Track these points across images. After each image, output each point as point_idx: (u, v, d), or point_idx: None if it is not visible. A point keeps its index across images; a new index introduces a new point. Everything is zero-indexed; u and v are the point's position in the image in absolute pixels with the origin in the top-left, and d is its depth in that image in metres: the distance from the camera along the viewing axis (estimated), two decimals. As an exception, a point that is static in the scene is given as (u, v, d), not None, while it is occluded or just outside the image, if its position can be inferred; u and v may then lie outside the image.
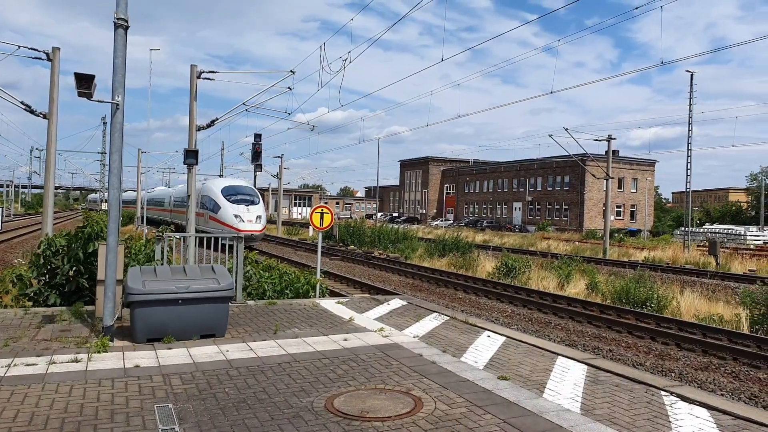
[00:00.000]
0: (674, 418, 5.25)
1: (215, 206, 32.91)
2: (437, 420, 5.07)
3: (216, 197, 33.15)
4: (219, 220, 31.98)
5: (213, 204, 33.06)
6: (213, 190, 34.01)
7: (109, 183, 7.90)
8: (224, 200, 32.59)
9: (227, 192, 33.37)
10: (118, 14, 7.53)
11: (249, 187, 35.80)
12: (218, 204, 32.70)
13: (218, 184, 34.87)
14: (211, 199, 33.61)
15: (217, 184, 34.94)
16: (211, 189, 34.37)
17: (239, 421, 4.94)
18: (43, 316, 8.90)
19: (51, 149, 15.62)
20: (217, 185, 34.65)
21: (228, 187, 34.14)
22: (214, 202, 33.07)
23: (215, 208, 32.86)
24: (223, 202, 32.53)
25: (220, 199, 32.76)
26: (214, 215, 32.87)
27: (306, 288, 12.05)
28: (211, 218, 32.90)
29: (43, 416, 4.92)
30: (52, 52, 15.48)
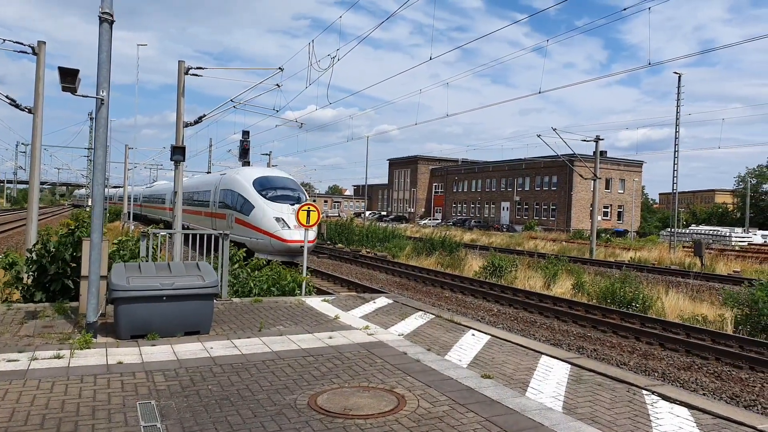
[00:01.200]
0: (655, 417, 5.29)
1: (245, 205, 23.72)
2: (420, 418, 5.09)
3: (246, 192, 23.84)
4: (252, 225, 22.59)
5: (242, 202, 23.88)
6: (240, 183, 24.63)
7: (93, 179, 7.86)
8: (259, 197, 23.10)
9: (262, 185, 23.92)
10: (103, 8, 7.48)
11: (290, 179, 25.85)
12: (250, 202, 23.39)
13: (248, 175, 24.94)
14: (238, 195, 24.47)
15: (246, 175, 25.05)
16: (238, 181, 24.94)
17: (222, 418, 4.92)
18: (26, 312, 8.83)
19: (36, 144, 15.47)
20: (246, 176, 24.90)
21: (262, 179, 24.49)
22: (244, 199, 23.76)
23: (245, 207, 23.65)
24: (257, 199, 23.02)
25: (252, 195, 23.35)
26: (244, 218, 23.41)
27: (292, 286, 12.03)
28: (238, 221, 23.79)
29: (24, 412, 4.88)
30: (38, 46, 15.32)
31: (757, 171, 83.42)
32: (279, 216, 22.03)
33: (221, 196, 26.50)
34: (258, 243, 21.92)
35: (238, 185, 24.61)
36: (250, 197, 23.34)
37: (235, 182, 25.19)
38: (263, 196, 23.07)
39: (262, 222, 22.15)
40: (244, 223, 23.13)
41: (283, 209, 22.28)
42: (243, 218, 23.30)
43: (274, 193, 23.54)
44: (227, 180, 26.61)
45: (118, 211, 55.31)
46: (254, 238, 22.03)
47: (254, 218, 22.54)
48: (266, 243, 21.66)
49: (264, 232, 21.89)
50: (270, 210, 22.33)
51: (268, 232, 21.76)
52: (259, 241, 21.96)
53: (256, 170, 26.23)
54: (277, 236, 21.45)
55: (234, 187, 25.00)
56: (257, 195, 23.19)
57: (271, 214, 22.14)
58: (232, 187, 25.25)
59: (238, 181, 24.95)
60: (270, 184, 24.18)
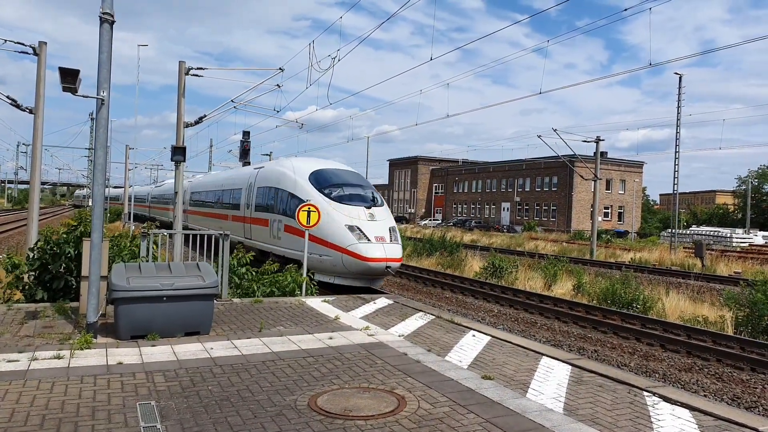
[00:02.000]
0: (656, 419, 5.28)
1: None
2: (420, 419, 5.08)
3: (300, 191, 17.68)
4: (313, 236, 15.47)
5: (295, 204, 17.13)
6: (290, 178, 18.51)
7: (94, 179, 7.86)
8: (320, 197, 16.91)
9: (321, 181, 17.89)
10: (103, 9, 7.48)
11: (356, 173, 19.89)
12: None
13: (300, 167, 18.75)
14: (288, 194, 18.27)
15: (297, 167, 18.85)
16: (286, 176, 18.80)
17: (222, 419, 4.92)
18: (27, 312, 8.83)
19: (37, 145, 15.48)
20: (297, 169, 18.75)
21: (321, 173, 18.39)
22: (298, 200, 17.23)
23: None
24: (318, 200, 16.54)
25: (310, 195, 17.15)
26: (299, 225, 15.03)
27: (292, 286, 12.02)
28: (289, 230, 17.71)
29: (24, 413, 4.88)
30: (39, 46, 15.33)
31: (759, 171, 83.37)
32: (352, 223, 15.86)
33: (259, 197, 20.83)
34: (322, 261, 15.71)
35: (287, 181, 18.53)
36: (307, 197, 16.92)
37: (281, 177, 19.08)
38: (326, 196, 16.93)
39: (329, 232, 15.76)
40: (300, 233, 15.77)
41: (357, 214, 16.25)
42: (298, 226, 15.62)
43: (340, 191, 17.41)
44: (268, 175, 20.54)
45: (120, 211, 55.10)
46: (316, 254, 15.56)
47: (318, 227, 15.37)
48: (334, 261, 15.58)
49: (332, 245, 15.67)
50: (339, 215, 16.09)
51: (337, 246, 15.58)
52: (325, 258, 15.72)
53: (309, 161, 20.09)
54: (353, 252, 15.29)
55: (280, 184, 18.94)
56: (318, 194, 17.01)
57: (341, 221, 15.89)
58: (278, 183, 19.18)
59: (285, 176, 18.80)
60: (333, 180, 18.00)
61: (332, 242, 15.70)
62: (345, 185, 17.87)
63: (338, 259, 15.58)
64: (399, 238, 16.96)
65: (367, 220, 16.25)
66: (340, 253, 15.53)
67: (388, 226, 16.53)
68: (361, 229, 15.82)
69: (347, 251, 15.39)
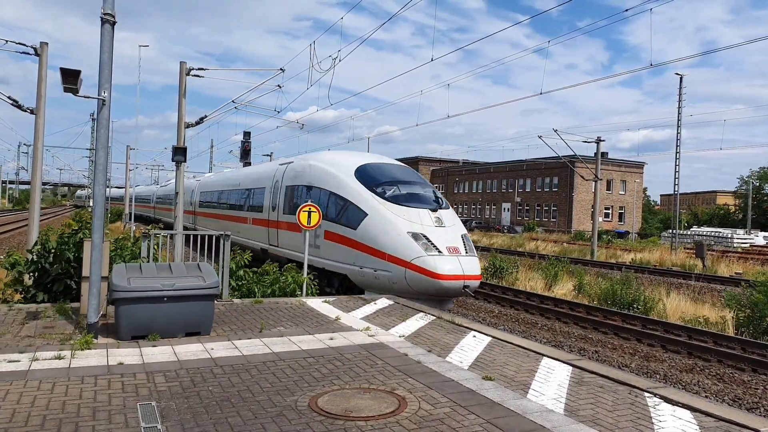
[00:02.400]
0: (657, 420, 5.27)
1: (347, 211, 14.43)
2: (421, 420, 5.07)
3: (346, 189, 14.74)
4: (366, 246, 13.52)
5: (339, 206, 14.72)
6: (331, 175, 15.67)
7: (95, 179, 7.87)
8: (372, 197, 14.11)
9: (370, 176, 15.00)
10: (105, 9, 7.48)
11: (407, 168, 16.72)
12: (356, 205, 14.18)
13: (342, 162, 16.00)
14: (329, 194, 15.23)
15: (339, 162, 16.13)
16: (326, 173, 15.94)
17: (222, 420, 4.92)
18: (27, 312, 8.83)
19: (38, 145, 15.49)
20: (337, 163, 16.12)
21: (368, 168, 15.46)
22: (343, 201, 14.64)
23: (348, 214, 14.37)
24: (370, 200, 14.02)
25: (359, 194, 14.29)
26: (345, 232, 14.17)
27: (293, 287, 12.01)
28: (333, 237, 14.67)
29: (25, 413, 4.88)
30: (40, 47, 15.35)
31: (760, 172, 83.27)
32: (416, 230, 12.94)
33: (290, 197, 17.83)
34: (378, 277, 13.04)
35: (327, 179, 15.65)
36: (355, 197, 14.15)
37: (319, 174, 16.16)
38: (378, 196, 14.00)
39: (386, 241, 12.99)
40: (346, 240, 13.91)
41: (421, 219, 13.34)
42: (344, 232, 14.11)
43: (395, 190, 14.43)
44: (301, 171, 17.45)
45: (122, 211, 54.98)
46: (370, 268, 13.18)
47: (368, 233, 13.43)
48: (394, 278, 12.70)
49: (391, 258, 12.82)
50: (399, 220, 13.20)
51: (399, 259, 12.65)
52: (381, 273, 12.96)
53: (350, 155, 17.14)
54: (420, 267, 12.34)
55: (318, 182, 15.98)
56: (368, 193, 14.08)
57: (401, 228, 13.01)
58: (315, 181, 16.20)
59: (324, 172, 15.96)
60: (383, 177, 15.08)
61: (391, 254, 12.77)
62: (399, 183, 14.89)
63: (399, 276, 12.54)
64: (474, 249, 13.88)
65: (434, 225, 13.32)
66: (403, 267, 12.49)
67: (460, 234, 13.65)
68: (429, 238, 12.81)
69: (413, 266, 12.39)
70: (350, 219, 14.12)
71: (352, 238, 13.85)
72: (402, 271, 12.55)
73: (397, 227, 13.07)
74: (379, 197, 14.00)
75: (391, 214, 13.39)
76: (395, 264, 12.71)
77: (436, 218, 13.62)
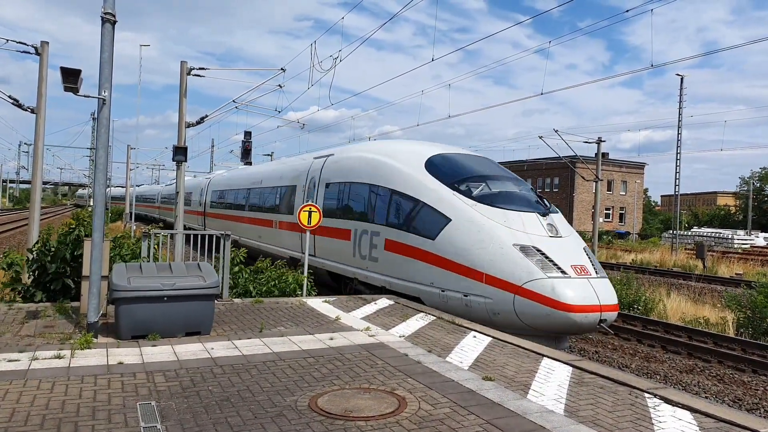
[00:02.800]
0: (657, 421, 5.26)
1: (421, 215, 11.43)
2: (421, 420, 5.07)
3: (414, 184, 11.94)
4: (453, 262, 10.42)
5: (408, 208, 11.84)
6: (390, 168, 12.98)
7: (95, 179, 7.87)
8: (453, 194, 11.17)
9: (447, 170, 12.05)
10: (105, 9, 7.48)
11: (489, 160, 13.52)
12: (434, 208, 11.15)
13: (402, 151, 13.50)
14: (390, 192, 12.54)
15: (397, 151, 13.59)
16: (383, 166, 13.29)
17: (222, 420, 4.91)
18: (27, 311, 8.83)
19: (39, 144, 15.50)
20: (398, 153, 13.40)
21: (444, 160, 12.53)
22: (414, 202, 11.69)
23: (422, 219, 11.38)
24: (450, 198, 11.12)
25: (438, 194, 11.32)
26: (417, 242, 11.24)
27: (293, 287, 12.01)
28: (398, 248, 11.84)
29: (24, 413, 4.87)
30: (41, 46, 15.35)
31: (761, 173, 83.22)
32: (525, 242, 10.00)
33: (332, 197, 15.05)
34: (472, 304, 10.08)
35: (387, 173, 12.72)
36: (430, 198, 11.20)
37: (376, 168, 13.30)
38: (464, 195, 11.03)
39: (484, 256, 10.05)
40: (419, 253, 11.04)
41: (529, 226, 10.38)
42: (415, 243, 11.16)
43: (484, 188, 11.31)
44: (347, 165, 14.74)
45: (122, 211, 54.92)
46: (457, 291, 10.29)
47: (454, 245, 10.44)
48: (497, 306, 9.79)
49: (492, 280, 9.84)
50: (500, 228, 10.26)
51: (504, 282, 9.69)
52: (475, 300, 10.03)
53: (412, 144, 14.18)
54: (538, 294, 9.37)
55: (376, 178, 13.08)
56: (449, 192, 11.14)
57: (505, 238, 10.07)
58: (370, 176, 13.33)
59: (383, 165, 13.09)
60: (467, 171, 12.02)
61: (492, 274, 9.72)
62: (486, 178, 11.69)
63: (505, 305, 9.55)
64: (602, 267, 10.67)
65: (548, 236, 10.26)
66: (510, 293, 9.46)
67: (582, 247, 10.57)
68: (544, 253, 9.78)
69: (526, 292, 9.34)
70: (425, 226, 11.07)
71: (428, 250, 10.83)
72: (508, 298, 9.46)
73: (499, 237, 9.99)
74: (464, 197, 10.93)
75: (486, 220, 10.34)
76: (498, 288, 9.62)
77: (548, 225, 10.51)
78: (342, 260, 14.05)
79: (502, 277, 9.69)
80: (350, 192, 14.24)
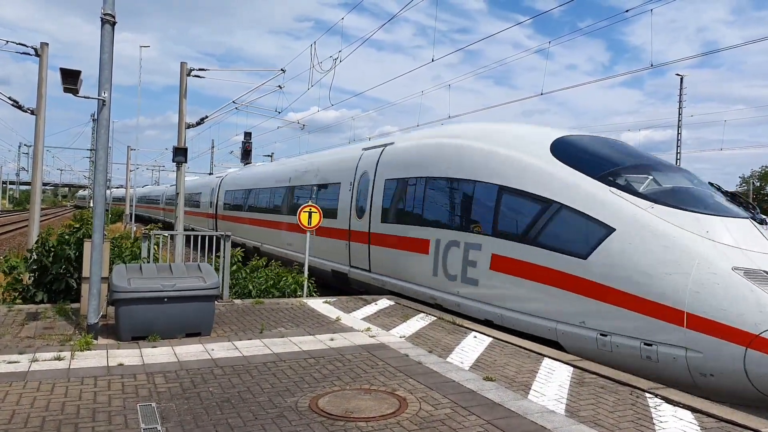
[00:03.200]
0: (658, 420, 5.26)
1: (563, 222, 8.29)
2: (422, 420, 5.06)
3: (544, 179, 8.76)
4: (623, 291, 7.28)
5: (536, 211, 8.70)
6: (495, 155, 9.85)
7: (95, 180, 7.87)
8: (615, 193, 7.98)
9: (590, 158, 9.08)
10: (105, 10, 7.48)
11: (629, 145, 10.82)
12: (584, 211, 8.03)
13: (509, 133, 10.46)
14: (498, 190, 9.42)
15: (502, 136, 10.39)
16: (486, 154, 10.07)
17: (223, 421, 4.90)
18: (27, 313, 8.83)
19: (39, 145, 15.51)
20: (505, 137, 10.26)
21: (579, 144, 9.63)
22: (546, 205, 8.53)
23: (568, 229, 8.22)
24: (617, 201, 7.88)
25: (583, 189, 8.23)
26: (566, 264, 7.98)
27: (293, 287, 12.01)
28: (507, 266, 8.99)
29: (24, 414, 4.87)
30: (41, 47, 15.36)
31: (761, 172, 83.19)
32: (750, 265, 6.88)
33: (399, 197, 12.30)
34: (661, 356, 7.00)
35: (495, 163, 9.85)
36: (575, 197, 8.36)
37: (472, 156, 10.42)
38: (629, 193, 8.10)
39: (680, 284, 6.93)
40: (559, 278, 8.18)
41: (741, 239, 7.35)
42: (548, 262, 8.38)
43: (652, 183, 8.50)
44: (418, 155, 12.21)
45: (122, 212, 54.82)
46: (628, 336, 7.34)
47: (624, 267, 7.46)
48: (713, 361, 6.62)
49: (699, 322, 6.70)
50: (703, 242, 7.18)
51: (724, 327, 6.52)
52: (667, 350, 6.96)
53: (512, 126, 11.31)
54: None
55: (471, 170, 10.29)
56: (609, 191, 8.20)
57: (717, 258, 6.98)
58: (461, 168, 10.56)
59: (482, 152, 10.26)
60: (620, 159, 9.27)
61: (702, 314, 6.72)
62: (651, 168, 8.88)
63: (728, 361, 6.54)
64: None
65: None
66: (739, 345, 6.42)
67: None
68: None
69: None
70: (568, 237, 8.24)
71: (575, 274, 7.90)
72: (734, 352, 6.45)
73: (706, 257, 7.00)
74: (629, 195, 8.03)
75: (675, 230, 7.37)
76: (713, 336, 6.61)
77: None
78: (414, 279, 11.40)
79: (722, 320, 6.52)
80: (425, 190, 11.31)
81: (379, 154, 13.57)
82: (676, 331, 6.86)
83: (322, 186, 16.54)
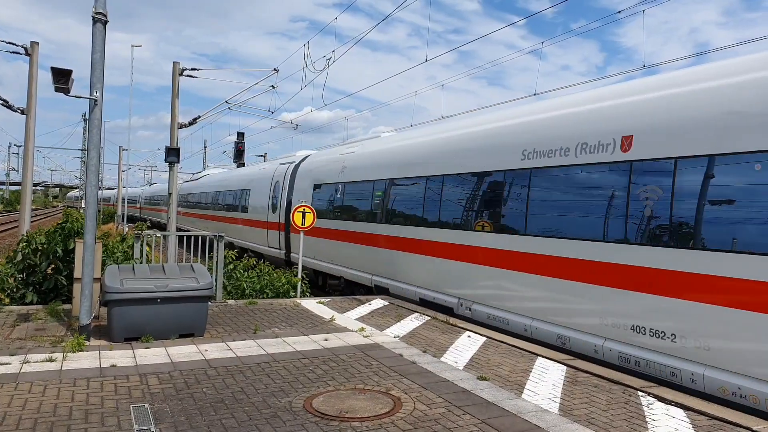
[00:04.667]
0: (651, 419, 5.27)
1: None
2: (416, 420, 5.06)
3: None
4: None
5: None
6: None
7: (87, 180, 7.82)
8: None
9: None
10: (96, 9, 7.44)
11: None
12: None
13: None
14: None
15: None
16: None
17: (216, 421, 4.89)
18: (18, 314, 8.77)
19: (29, 145, 15.43)
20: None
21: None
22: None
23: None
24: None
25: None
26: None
27: (287, 288, 11.99)
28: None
29: (16, 416, 4.83)
30: (31, 46, 15.28)
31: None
32: None
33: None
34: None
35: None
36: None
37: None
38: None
39: None
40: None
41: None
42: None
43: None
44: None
45: (112, 212, 54.58)
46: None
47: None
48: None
49: None
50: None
51: None
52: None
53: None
54: None
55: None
56: None
57: None
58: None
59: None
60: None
61: None
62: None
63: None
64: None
65: None
66: None
67: None
68: None
69: None
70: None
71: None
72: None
73: None
74: None
75: None
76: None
77: None
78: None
79: None
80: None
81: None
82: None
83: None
